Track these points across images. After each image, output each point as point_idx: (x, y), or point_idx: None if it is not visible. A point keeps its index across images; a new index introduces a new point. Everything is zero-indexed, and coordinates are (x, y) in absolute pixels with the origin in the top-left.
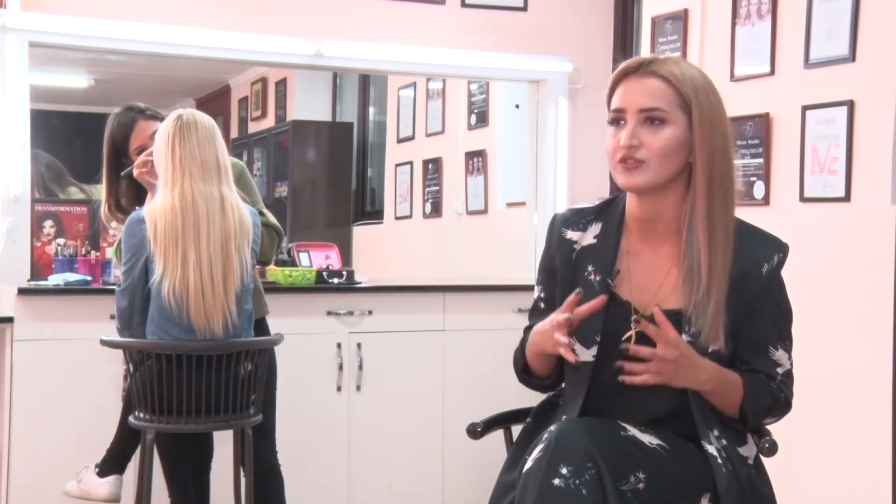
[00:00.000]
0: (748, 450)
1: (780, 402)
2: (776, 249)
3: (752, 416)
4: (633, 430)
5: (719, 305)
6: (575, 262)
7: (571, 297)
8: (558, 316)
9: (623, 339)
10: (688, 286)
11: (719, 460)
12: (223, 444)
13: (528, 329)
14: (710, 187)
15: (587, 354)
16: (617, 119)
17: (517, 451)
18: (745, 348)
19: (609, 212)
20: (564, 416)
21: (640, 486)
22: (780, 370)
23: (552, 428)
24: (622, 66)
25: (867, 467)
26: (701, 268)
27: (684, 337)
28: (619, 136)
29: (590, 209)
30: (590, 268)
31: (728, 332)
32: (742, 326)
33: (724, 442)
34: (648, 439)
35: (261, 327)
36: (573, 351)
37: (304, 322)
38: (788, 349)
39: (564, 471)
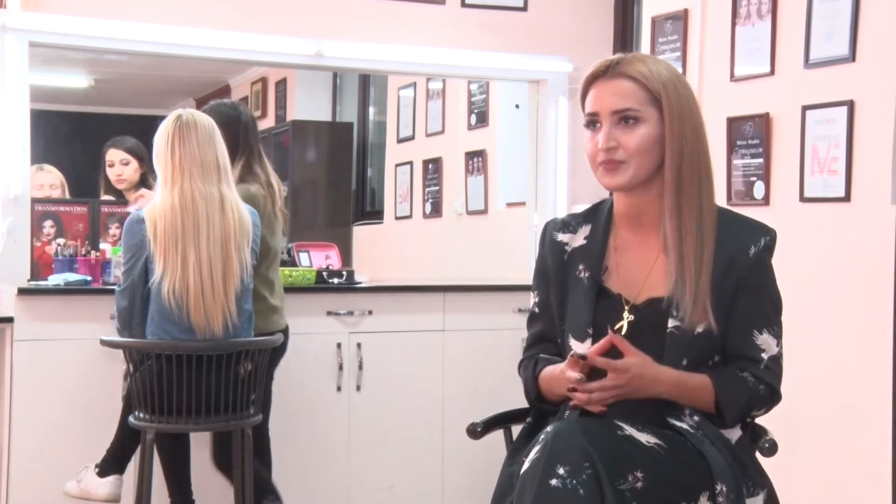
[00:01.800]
0: (730, 433)
1: (758, 395)
2: (763, 233)
3: (729, 413)
4: (629, 430)
5: (697, 288)
6: (566, 264)
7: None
8: (571, 374)
9: (615, 327)
10: (668, 275)
11: (694, 432)
12: None
13: (530, 347)
14: (679, 178)
15: (582, 348)
16: (592, 122)
17: (517, 447)
18: (729, 330)
19: (598, 213)
20: (567, 412)
21: (639, 485)
22: (764, 355)
23: (548, 429)
24: (590, 70)
25: (867, 466)
26: (671, 256)
27: (671, 322)
28: (597, 140)
29: (579, 213)
30: (580, 267)
31: (718, 313)
32: (730, 308)
33: (696, 418)
34: (646, 438)
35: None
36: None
37: (304, 322)
38: (776, 335)
39: (561, 471)
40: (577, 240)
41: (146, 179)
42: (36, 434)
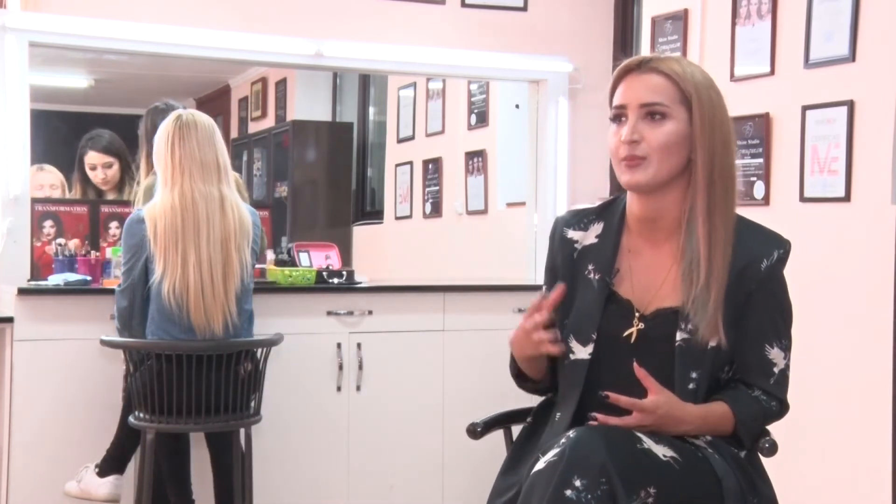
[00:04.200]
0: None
1: (771, 413)
2: (776, 245)
3: (748, 439)
4: (648, 442)
5: (718, 301)
6: (576, 262)
7: (537, 301)
8: (525, 323)
9: (623, 335)
10: (686, 282)
11: (709, 449)
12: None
13: None
14: (711, 183)
15: (583, 352)
16: (618, 116)
17: (516, 452)
18: (740, 345)
19: (610, 211)
20: (559, 415)
21: (650, 500)
22: (775, 369)
23: (571, 434)
24: (623, 63)
25: (867, 467)
26: (700, 263)
27: (679, 335)
28: (621, 134)
29: (591, 209)
30: (590, 266)
31: (728, 327)
32: (739, 323)
33: (708, 437)
34: (662, 451)
35: None
36: (559, 344)
37: (304, 322)
38: (785, 349)
39: (578, 483)
40: (589, 238)
41: (126, 177)
42: (36, 434)
